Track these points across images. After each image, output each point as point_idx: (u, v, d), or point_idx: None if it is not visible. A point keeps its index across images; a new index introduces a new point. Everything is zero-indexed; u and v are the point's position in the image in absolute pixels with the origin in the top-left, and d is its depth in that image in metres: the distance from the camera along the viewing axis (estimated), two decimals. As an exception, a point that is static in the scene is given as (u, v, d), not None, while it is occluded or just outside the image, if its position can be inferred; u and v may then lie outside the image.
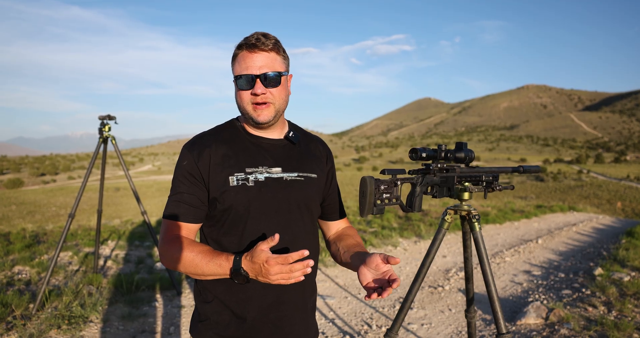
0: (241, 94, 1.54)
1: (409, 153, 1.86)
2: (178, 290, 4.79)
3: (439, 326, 4.31)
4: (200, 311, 1.62)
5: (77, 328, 3.76)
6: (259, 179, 1.54)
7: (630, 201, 41.63)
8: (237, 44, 1.55)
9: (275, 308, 1.58)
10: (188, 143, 1.59)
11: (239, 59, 1.54)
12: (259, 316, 1.56)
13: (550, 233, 9.50)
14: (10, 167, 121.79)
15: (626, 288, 4.98)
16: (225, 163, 1.54)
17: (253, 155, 1.57)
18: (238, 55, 1.54)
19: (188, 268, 1.44)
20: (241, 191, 1.52)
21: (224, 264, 1.40)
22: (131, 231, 7.71)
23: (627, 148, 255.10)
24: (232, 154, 1.56)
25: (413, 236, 8.41)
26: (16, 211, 27.30)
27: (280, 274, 1.32)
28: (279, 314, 1.59)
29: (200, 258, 1.43)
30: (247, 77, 1.51)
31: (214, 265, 1.41)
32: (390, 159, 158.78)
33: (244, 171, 1.54)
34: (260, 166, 1.56)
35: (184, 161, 1.55)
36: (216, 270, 1.41)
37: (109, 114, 4.49)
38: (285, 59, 1.59)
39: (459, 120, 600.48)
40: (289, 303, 1.60)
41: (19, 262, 5.39)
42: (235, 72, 1.55)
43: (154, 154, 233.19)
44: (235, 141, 1.59)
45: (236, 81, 1.55)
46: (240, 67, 1.52)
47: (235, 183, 1.52)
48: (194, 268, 1.44)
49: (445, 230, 2.16)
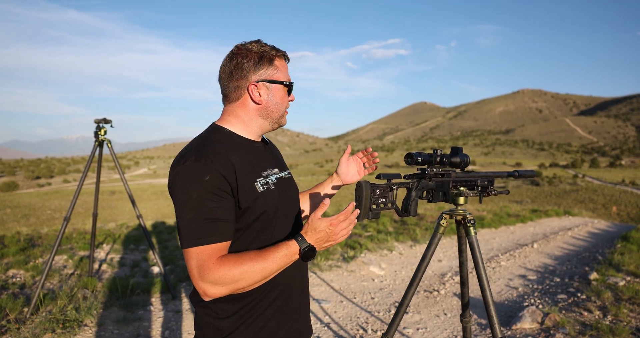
0: (285, 99, 1.62)
1: (404, 158, 1.87)
2: (173, 294, 4.77)
3: (435, 330, 4.31)
4: (218, 327, 1.51)
5: (72, 332, 3.74)
6: (275, 181, 1.56)
7: (626, 206, 41.82)
8: (272, 50, 1.57)
9: (300, 297, 1.65)
10: (199, 157, 1.42)
11: (279, 66, 1.58)
12: (287, 308, 1.60)
13: (546, 237, 9.52)
14: (5, 170, 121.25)
15: (621, 292, 5.00)
16: (246, 170, 1.48)
17: (259, 159, 1.57)
18: (279, 60, 1.59)
19: (256, 278, 1.39)
20: (269, 195, 1.52)
21: (289, 251, 1.41)
22: (126, 235, 7.68)
23: (622, 152, 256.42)
24: (245, 160, 1.51)
25: (409, 240, 8.41)
26: (11, 214, 27.17)
27: (345, 229, 1.44)
28: (302, 301, 1.67)
29: (261, 259, 1.39)
30: (292, 85, 1.63)
31: (281, 258, 1.41)
32: (386, 163, 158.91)
33: (261, 175, 1.53)
34: (268, 168, 1.58)
35: (204, 176, 1.38)
36: (285, 261, 1.42)
37: (105, 118, 4.48)
38: None
39: (454, 124, 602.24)
40: (306, 288, 1.70)
41: (14, 266, 5.36)
42: (282, 77, 1.59)
43: (149, 158, 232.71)
44: (239, 147, 1.55)
45: (289, 86, 1.62)
46: (284, 75, 1.60)
47: (261, 188, 1.50)
48: (262, 274, 1.40)
49: (440, 235, 2.17)
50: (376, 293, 5.38)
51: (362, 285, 5.67)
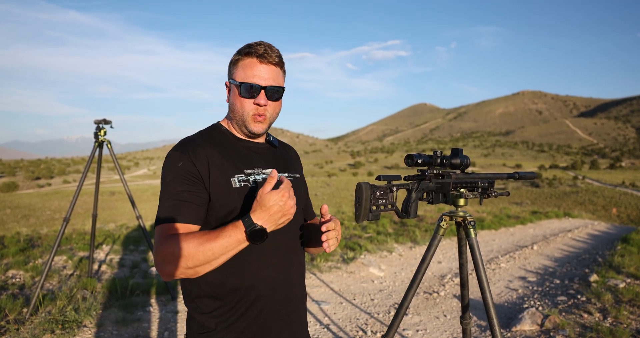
0: (243, 102, 1.52)
1: (404, 159, 1.87)
2: (172, 295, 4.77)
3: (434, 332, 4.30)
4: (201, 323, 1.51)
5: (71, 333, 3.73)
6: (258, 180, 1.54)
7: (626, 208, 41.81)
8: (242, 50, 1.53)
9: (286, 305, 1.58)
10: (177, 146, 1.51)
11: (244, 66, 1.52)
12: (270, 314, 1.53)
13: (546, 239, 9.52)
14: (5, 170, 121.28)
15: (622, 294, 4.99)
16: (224, 165, 1.50)
17: (247, 157, 1.58)
18: (244, 61, 1.53)
19: (199, 258, 1.31)
20: (244, 192, 1.50)
21: (234, 232, 1.32)
22: (126, 236, 7.68)
23: (622, 154, 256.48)
24: (228, 156, 1.53)
25: (408, 241, 8.41)
26: (11, 214, 27.16)
27: (293, 198, 1.36)
28: (289, 310, 1.59)
29: (206, 239, 1.31)
30: (255, 86, 1.50)
31: (225, 238, 1.31)
32: (386, 164, 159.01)
33: (243, 172, 1.53)
34: (256, 167, 1.57)
35: (178, 163, 1.46)
36: (230, 243, 1.32)
37: (105, 119, 4.49)
38: (284, 74, 1.61)
39: (454, 126, 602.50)
40: (295, 298, 1.62)
41: (13, 266, 5.35)
42: (239, 78, 1.52)
43: (149, 159, 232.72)
44: (226, 144, 1.57)
45: (240, 87, 1.52)
46: (246, 75, 1.51)
47: (238, 184, 1.50)
48: (204, 254, 1.30)
49: (440, 236, 2.16)
50: (376, 294, 5.37)
51: (361, 286, 5.67)
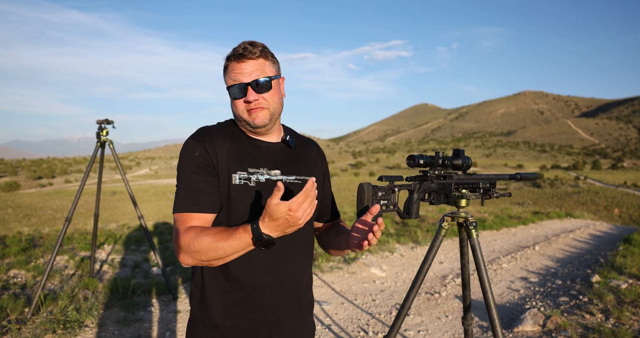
0: (236, 103, 1.56)
1: (406, 160, 1.87)
2: (174, 295, 4.77)
3: (436, 333, 4.30)
4: (196, 314, 1.60)
5: (73, 333, 3.73)
6: (260, 181, 1.55)
7: (628, 208, 41.72)
8: (226, 56, 1.57)
9: (275, 309, 1.58)
10: (195, 134, 1.56)
11: (229, 71, 1.56)
12: (259, 317, 1.56)
13: (547, 239, 9.51)
14: (7, 170, 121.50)
15: (624, 295, 4.98)
16: (230, 160, 1.53)
17: (254, 156, 1.58)
18: (228, 66, 1.56)
19: (211, 254, 1.39)
20: (243, 190, 1.52)
21: (244, 236, 1.36)
22: (127, 236, 7.69)
23: (624, 154, 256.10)
24: (236, 152, 1.56)
25: (410, 242, 8.41)
26: (12, 214, 27.19)
27: (306, 211, 1.32)
28: (279, 315, 1.59)
29: (219, 238, 1.38)
30: (239, 86, 1.53)
31: (235, 240, 1.37)
32: (387, 164, 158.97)
33: (246, 170, 1.54)
34: (261, 167, 1.57)
35: (195, 152, 1.52)
36: (239, 245, 1.37)
37: (107, 119, 4.49)
38: (274, 63, 1.60)
39: (456, 126, 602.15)
40: (287, 303, 1.61)
41: (15, 266, 5.36)
42: (227, 82, 1.57)
43: (151, 158, 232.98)
44: (237, 140, 1.59)
45: (229, 91, 1.56)
46: (231, 78, 1.55)
47: (238, 181, 1.52)
48: (215, 251, 1.38)
49: (442, 237, 2.16)
50: (377, 295, 5.37)
51: (363, 286, 5.67)
